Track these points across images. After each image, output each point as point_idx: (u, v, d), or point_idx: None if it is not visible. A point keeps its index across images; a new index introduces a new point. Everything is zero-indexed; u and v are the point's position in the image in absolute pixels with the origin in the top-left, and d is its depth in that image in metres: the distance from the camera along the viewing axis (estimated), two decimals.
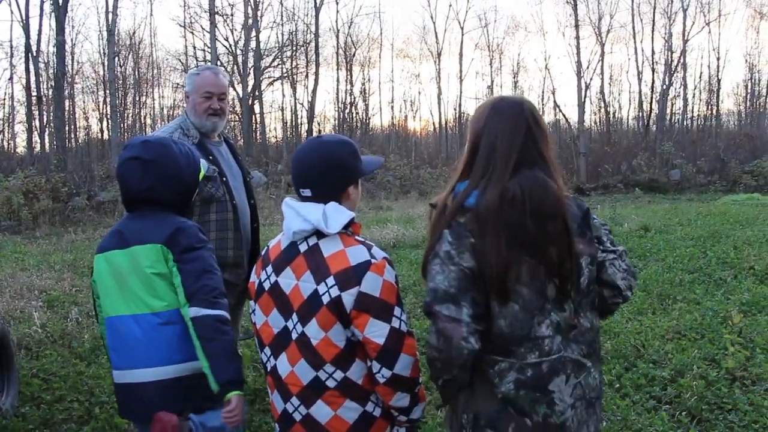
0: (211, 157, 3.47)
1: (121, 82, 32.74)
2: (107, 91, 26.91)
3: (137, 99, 36.42)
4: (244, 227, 3.63)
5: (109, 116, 27.01)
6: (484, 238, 1.86)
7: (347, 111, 37.80)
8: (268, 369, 2.19)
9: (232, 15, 29.89)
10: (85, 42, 53.74)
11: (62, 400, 4.48)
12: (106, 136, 32.78)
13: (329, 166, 2.11)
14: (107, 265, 2.46)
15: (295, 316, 2.05)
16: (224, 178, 3.52)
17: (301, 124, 37.48)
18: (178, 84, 36.74)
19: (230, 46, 30.23)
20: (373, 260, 2.01)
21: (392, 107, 40.13)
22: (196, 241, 2.42)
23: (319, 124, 39.33)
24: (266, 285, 2.15)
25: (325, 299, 1.98)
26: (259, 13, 31.01)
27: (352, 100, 37.82)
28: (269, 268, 2.16)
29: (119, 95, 31.46)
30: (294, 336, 2.06)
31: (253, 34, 30.73)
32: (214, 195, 3.43)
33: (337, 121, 38.35)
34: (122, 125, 33.46)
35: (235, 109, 31.19)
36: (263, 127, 35.48)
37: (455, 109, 39.26)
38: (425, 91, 45.61)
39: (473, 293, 1.86)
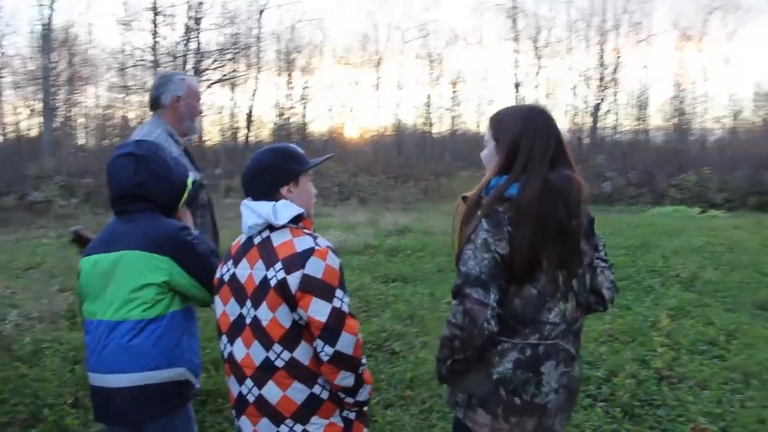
0: (194, 163, 3.56)
1: (53, 78, 31.82)
2: (41, 87, 26.15)
3: (69, 97, 35.43)
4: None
5: (42, 113, 26.24)
6: (520, 225, 2.06)
7: (285, 116, 37.70)
8: (226, 356, 2.33)
9: (173, 15, 29.48)
10: (13, 35, 51.61)
11: (5, 403, 4.39)
12: (35, 133, 31.86)
13: (256, 173, 2.34)
14: (93, 268, 2.51)
15: (248, 302, 2.22)
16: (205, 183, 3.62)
17: (240, 128, 37.22)
18: (114, 83, 35.97)
19: (170, 46, 29.80)
20: (317, 247, 2.19)
21: (331, 114, 40.20)
22: (188, 247, 2.51)
23: (256, 128, 39.12)
24: (226, 277, 2.33)
25: (273, 282, 2.16)
26: (201, 14, 30.68)
27: (292, 105, 37.76)
28: (230, 263, 2.34)
29: (51, 92, 30.56)
30: (248, 321, 2.23)
31: (194, 35, 30.40)
32: (202, 200, 3.51)
33: (274, 126, 38.20)
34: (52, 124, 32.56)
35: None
36: (200, 130, 35.03)
37: (394, 117, 39.60)
38: (364, 98, 46.06)
39: (501, 280, 2.06)
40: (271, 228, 2.26)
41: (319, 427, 2.24)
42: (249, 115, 35.76)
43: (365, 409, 2.40)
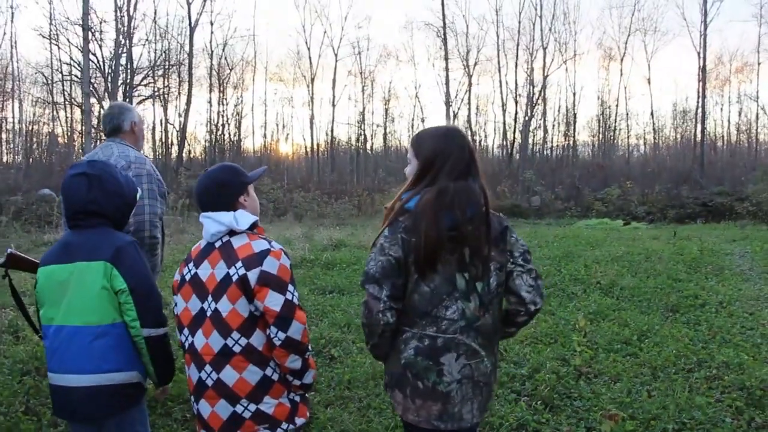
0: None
1: None
2: None
3: None
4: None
5: None
6: (417, 231, 2.37)
7: (219, 133, 37.55)
8: (186, 346, 2.64)
9: (102, 30, 29.12)
10: None
11: None
12: None
13: (218, 187, 2.68)
14: (51, 278, 2.72)
15: (210, 297, 2.55)
16: None
17: (172, 144, 36.87)
18: (39, 98, 35.17)
19: (98, 61, 29.39)
20: (272, 248, 2.56)
21: (265, 130, 40.24)
22: (139, 259, 2.77)
23: (189, 144, 38.80)
24: (187, 277, 2.64)
25: (235, 278, 2.50)
26: (131, 30, 30.39)
27: (224, 121, 37.64)
28: (190, 264, 2.66)
29: None
30: (209, 313, 2.55)
31: (124, 50, 30.07)
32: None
33: (208, 143, 37.98)
34: None
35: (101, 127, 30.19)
36: None
37: (327, 134, 39.92)
38: (297, 115, 46.24)
39: (394, 279, 2.40)
40: (231, 233, 2.61)
41: (270, 407, 2.56)
42: (182, 132, 35.42)
43: (308, 395, 2.74)
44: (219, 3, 56.60)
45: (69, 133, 35.61)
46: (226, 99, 37.59)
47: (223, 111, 37.49)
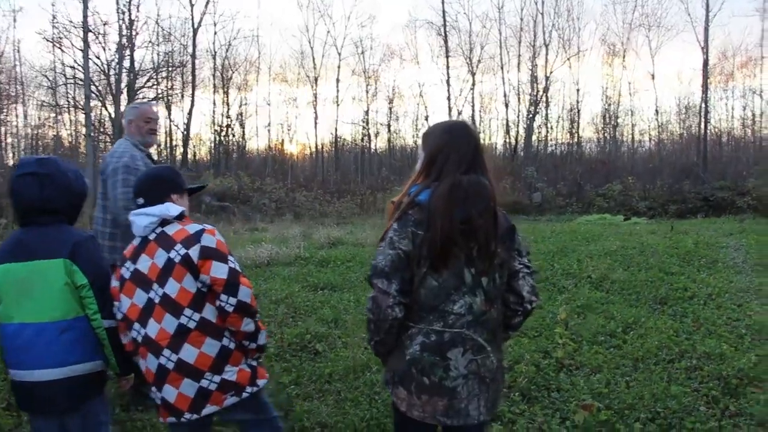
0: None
1: None
2: None
3: None
4: None
5: None
6: (430, 224, 2.37)
7: (223, 134, 37.67)
8: (141, 340, 2.73)
9: (105, 33, 29.25)
10: None
11: None
12: None
13: (156, 179, 2.94)
14: (7, 276, 2.78)
15: (155, 285, 2.68)
16: None
17: (177, 146, 37.02)
18: (44, 102, 35.36)
19: (102, 64, 29.54)
20: (205, 228, 2.75)
21: (269, 131, 40.32)
22: (96, 253, 2.86)
23: (194, 146, 38.94)
24: (127, 275, 2.77)
25: (177, 258, 2.65)
26: (133, 32, 30.53)
27: (229, 123, 37.75)
28: (127, 263, 2.79)
29: None
30: (157, 300, 2.67)
31: (127, 53, 30.19)
32: None
33: (213, 144, 38.12)
34: None
35: (106, 130, 30.39)
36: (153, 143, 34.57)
37: (331, 134, 39.92)
38: (302, 115, 46.20)
39: (403, 272, 2.40)
40: (162, 224, 2.77)
41: (233, 374, 2.72)
42: (186, 134, 35.56)
43: (261, 360, 2.97)
44: (222, 4, 56.59)
45: (74, 136, 35.85)
46: (229, 100, 37.70)
47: (227, 112, 37.60)
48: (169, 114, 36.10)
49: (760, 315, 6.94)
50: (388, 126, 40.18)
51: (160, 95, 34.41)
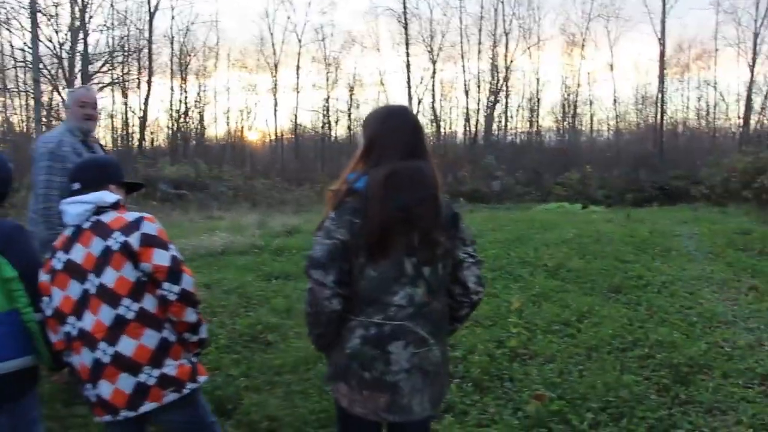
0: (93, 152, 4.32)
1: None
2: None
3: None
4: None
5: None
6: (366, 213, 2.25)
7: (181, 121, 37.09)
8: (75, 334, 2.56)
9: (56, 15, 28.41)
10: None
11: None
12: None
13: (96, 166, 2.86)
14: None
15: (91, 275, 2.53)
16: None
17: (134, 132, 36.34)
18: None
19: (54, 47, 28.71)
20: (144, 215, 2.62)
21: (228, 118, 39.79)
22: (25, 244, 2.69)
23: (152, 133, 38.26)
24: (59, 266, 2.59)
25: (116, 246, 2.51)
26: (87, 15, 29.75)
27: (187, 109, 37.16)
28: (59, 254, 2.62)
29: None
30: (93, 291, 2.52)
31: (81, 36, 29.43)
32: None
33: (170, 131, 37.50)
34: None
35: (60, 115, 29.63)
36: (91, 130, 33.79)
37: (291, 121, 39.60)
38: (261, 102, 45.54)
39: (341, 263, 2.28)
40: (97, 212, 2.62)
41: (173, 368, 2.58)
42: (143, 120, 34.92)
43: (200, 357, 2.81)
44: None
45: (26, 121, 34.88)
46: (188, 86, 37.10)
47: (185, 99, 37.01)
48: (126, 100, 35.43)
49: (711, 303, 7.02)
50: (349, 114, 40.01)
51: (116, 80, 33.74)
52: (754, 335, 5.93)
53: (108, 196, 2.66)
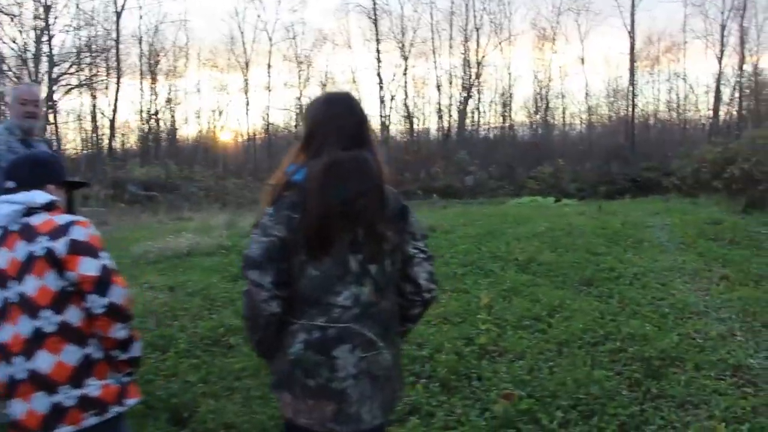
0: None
1: None
2: None
3: None
4: None
5: None
6: (305, 207, 2.07)
7: (152, 122, 36.63)
8: None
9: (20, 14, 27.82)
10: None
11: None
12: None
13: (33, 164, 2.60)
14: None
15: (13, 283, 2.28)
16: None
17: (103, 134, 35.82)
18: None
19: (19, 48, 28.12)
20: (77, 219, 2.38)
21: (199, 118, 39.32)
22: None
23: (123, 134, 37.76)
24: None
25: (41, 252, 2.27)
26: (52, 15, 29.19)
27: (157, 110, 36.70)
28: None
29: None
30: (13, 299, 2.28)
31: (45, 37, 28.89)
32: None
33: (141, 132, 37.01)
34: None
35: None
36: (58, 137, 33.34)
37: (263, 120, 39.24)
38: (233, 101, 44.85)
39: (279, 262, 2.09)
40: (29, 214, 2.37)
41: (96, 389, 2.31)
42: (112, 122, 34.43)
43: (133, 378, 2.52)
44: None
45: None
46: (158, 87, 36.62)
47: (156, 99, 36.54)
48: (95, 102, 34.90)
49: (682, 293, 6.95)
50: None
51: (84, 82, 33.22)
52: (726, 325, 5.86)
53: (39, 197, 2.42)
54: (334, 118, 2.23)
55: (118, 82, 33.69)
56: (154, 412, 4.16)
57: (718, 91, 35.85)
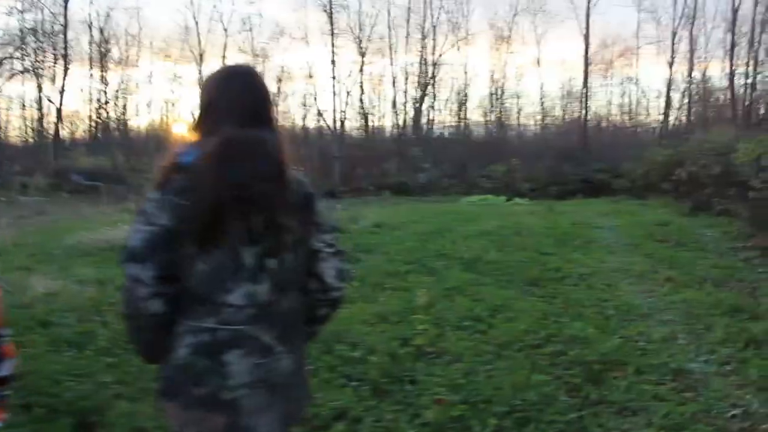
0: None
1: None
2: None
3: None
4: None
5: None
6: (193, 191, 1.80)
7: (101, 111, 35.67)
8: None
9: None
10: None
11: None
12: None
13: None
14: None
15: None
16: None
17: (50, 123, 34.75)
18: None
19: None
20: None
21: (151, 109, 38.41)
22: None
23: (72, 124, 36.71)
24: None
25: None
26: None
27: (107, 100, 35.74)
28: None
29: None
30: None
31: None
32: None
33: (91, 122, 36.05)
34: None
35: None
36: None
37: None
38: (186, 93, 43.85)
39: (163, 255, 1.82)
40: None
41: None
42: (59, 110, 33.43)
43: (7, 393, 2.21)
44: None
45: None
46: (108, 76, 35.65)
47: (106, 89, 35.55)
48: (40, 89, 33.81)
49: (627, 295, 6.84)
50: (276, 105, 39.18)
51: (29, 68, 32.20)
52: (669, 328, 5.73)
53: None
54: (232, 92, 1.97)
55: (65, 69, 32.65)
56: (57, 416, 3.83)
57: (668, 96, 36.36)
